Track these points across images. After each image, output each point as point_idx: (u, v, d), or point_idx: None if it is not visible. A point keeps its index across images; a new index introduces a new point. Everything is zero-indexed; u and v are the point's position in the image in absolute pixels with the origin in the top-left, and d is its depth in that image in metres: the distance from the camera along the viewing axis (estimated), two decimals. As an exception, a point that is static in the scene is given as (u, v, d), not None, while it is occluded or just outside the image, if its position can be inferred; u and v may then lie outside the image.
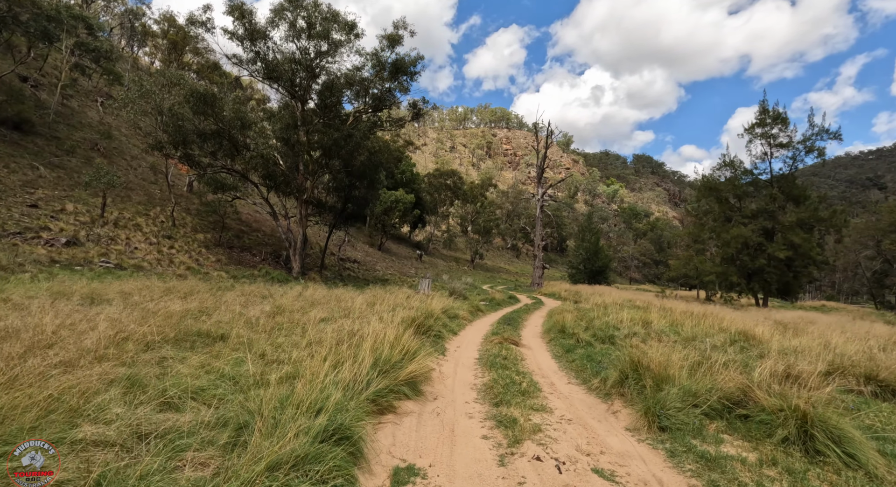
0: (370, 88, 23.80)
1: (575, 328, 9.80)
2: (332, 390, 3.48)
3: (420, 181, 65.78)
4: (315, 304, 10.58)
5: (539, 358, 7.68)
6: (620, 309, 15.16)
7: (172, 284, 11.88)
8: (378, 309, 9.85)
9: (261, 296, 12.05)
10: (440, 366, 6.46)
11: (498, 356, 7.22)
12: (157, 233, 22.83)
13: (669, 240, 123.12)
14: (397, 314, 9.54)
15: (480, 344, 8.83)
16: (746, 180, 32.65)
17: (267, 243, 30.28)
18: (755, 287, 31.59)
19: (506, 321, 12.50)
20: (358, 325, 7.30)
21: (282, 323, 7.20)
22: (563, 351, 8.11)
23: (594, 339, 8.92)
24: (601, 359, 6.96)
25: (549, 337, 9.80)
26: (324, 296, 12.29)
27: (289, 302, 10.55)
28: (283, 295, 12.69)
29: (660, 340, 9.87)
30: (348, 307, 10.20)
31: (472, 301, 16.17)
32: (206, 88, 20.28)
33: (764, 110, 30.36)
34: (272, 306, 9.64)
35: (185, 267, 20.11)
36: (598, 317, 11.74)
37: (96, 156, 30.08)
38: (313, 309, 9.28)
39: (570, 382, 6.08)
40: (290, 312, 9.04)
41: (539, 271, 43.94)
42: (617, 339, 9.04)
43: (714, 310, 16.47)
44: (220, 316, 7.66)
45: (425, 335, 8.20)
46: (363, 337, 5.56)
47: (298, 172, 24.67)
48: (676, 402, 4.17)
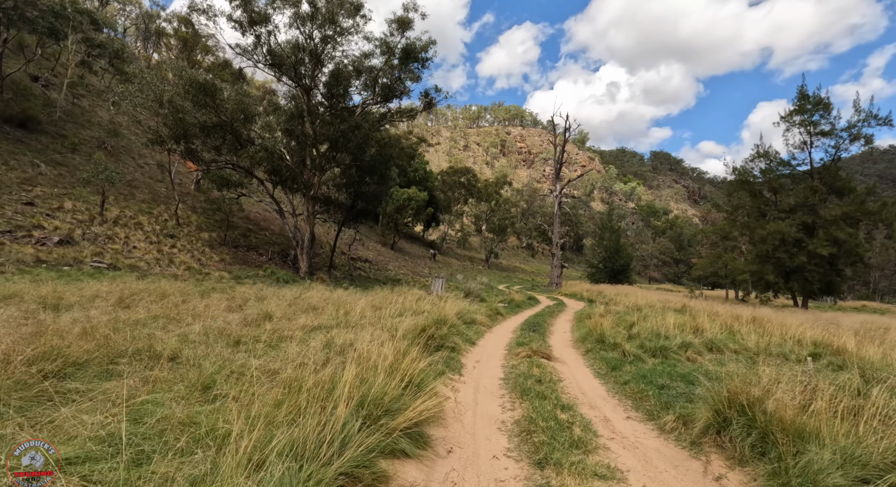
0: (379, 78, 22.47)
1: (615, 336, 8.22)
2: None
3: (433, 179, 64.45)
4: (311, 309, 9.22)
5: (579, 377, 6.14)
6: (659, 313, 13.47)
7: (155, 286, 10.66)
8: (383, 315, 8.43)
9: (255, 299, 10.76)
10: (456, 393, 5.00)
11: (528, 376, 5.71)
12: (158, 232, 21.90)
13: (690, 238, 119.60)
14: (404, 321, 8.10)
15: (504, 356, 7.33)
16: (784, 172, 30.34)
17: (275, 242, 29.25)
18: (794, 286, 29.29)
19: (529, 327, 10.97)
20: (353, 337, 5.88)
21: (259, 335, 5.82)
22: (608, 368, 6.55)
23: (642, 352, 7.34)
24: (663, 383, 5.39)
25: (585, 348, 8.24)
26: (324, 299, 10.93)
27: (281, 307, 9.21)
28: (280, 297, 11.38)
29: (719, 352, 8.24)
30: (349, 312, 8.81)
31: (490, 303, 14.66)
32: (205, 79, 19.20)
33: (803, 95, 28.07)
34: (259, 311, 8.30)
35: (185, 268, 19.06)
36: (637, 323, 10.11)
37: (103, 154, 29.48)
38: (304, 316, 7.91)
39: (630, 417, 4.54)
40: (278, 319, 7.69)
41: (557, 270, 42.12)
42: (670, 352, 7.44)
43: (763, 314, 14.65)
44: (189, 326, 6.33)
45: (437, 348, 6.75)
46: (355, 357, 4.12)
47: (305, 167, 23.50)
48: (837, 478, 2.60)
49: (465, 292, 19.94)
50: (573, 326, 12.14)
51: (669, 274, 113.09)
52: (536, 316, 13.50)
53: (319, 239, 35.85)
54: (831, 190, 28.55)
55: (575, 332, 10.69)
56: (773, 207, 30.88)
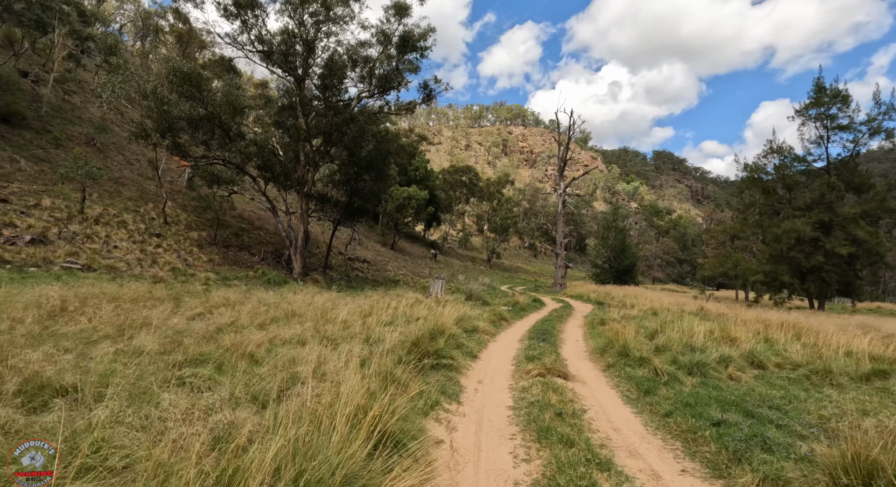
0: (375, 69, 21.36)
1: (640, 349, 7.06)
2: None
3: (434, 178, 63.33)
4: (290, 317, 8.08)
5: (606, 404, 4.98)
6: (679, 318, 12.29)
7: (124, 289, 9.54)
8: (370, 325, 7.29)
9: (231, 303, 9.62)
10: (453, 433, 3.85)
11: (544, 405, 4.56)
12: (143, 231, 20.81)
13: (694, 237, 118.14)
14: (394, 331, 6.96)
15: (511, 374, 6.17)
16: (799, 169, 29.09)
17: (269, 242, 28.15)
18: (810, 287, 28.04)
19: (538, 335, 9.80)
20: (326, 354, 4.74)
21: (208, 354, 4.68)
22: (639, 392, 5.39)
23: (676, 368, 6.17)
24: (717, 417, 4.22)
25: (606, 362, 7.07)
26: (309, 304, 9.80)
27: (258, 313, 8.08)
28: (262, 301, 10.26)
29: (762, 368, 7.06)
30: (331, 321, 7.67)
31: (494, 307, 13.51)
32: (190, 68, 18.10)
33: (820, 88, 26.83)
34: (227, 320, 7.17)
35: (170, 268, 17.97)
36: (661, 331, 8.95)
37: (91, 150, 28.46)
38: (278, 325, 6.78)
39: (686, 470, 3.38)
40: (247, 329, 6.55)
41: (562, 271, 40.95)
42: (708, 369, 6.28)
43: (792, 319, 13.46)
44: (130, 340, 5.22)
45: (432, 367, 5.59)
46: (306, 401, 2.98)
47: (299, 163, 22.39)
48: None
49: (466, 294, 18.80)
50: (585, 333, 10.98)
51: (673, 274, 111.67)
52: (544, 321, 12.34)
53: (315, 238, 34.75)
54: (849, 186, 27.31)
55: (589, 341, 9.53)
56: (788, 205, 29.64)
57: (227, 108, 19.63)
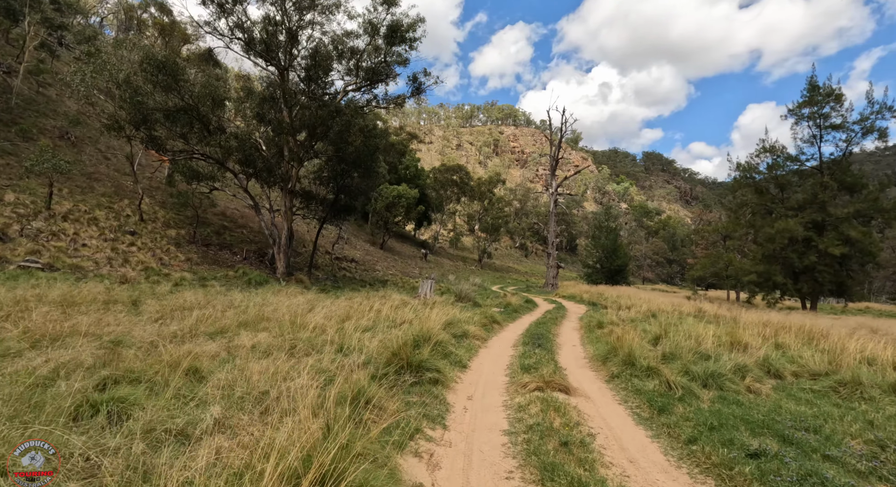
0: (362, 61, 20.54)
1: (646, 356, 6.39)
2: None
3: (425, 177, 62.53)
4: (260, 321, 7.27)
5: (616, 425, 4.28)
6: (678, 320, 11.70)
7: (78, 290, 8.64)
8: (347, 331, 6.51)
9: (199, 306, 8.78)
10: (435, 471, 3.12)
11: (546, 432, 3.84)
12: (116, 228, 19.74)
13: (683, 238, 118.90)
14: (375, 337, 6.20)
15: (506, 388, 5.45)
16: (792, 168, 28.87)
17: (252, 241, 27.15)
18: (803, 287, 27.83)
19: (532, 339, 9.11)
20: (286, 370, 3.97)
21: (141, 370, 3.87)
22: (652, 410, 4.70)
23: (688, 380, 5.50)
24: (751, 445, 3.54)
25: (609, 372, 6.39)
26: (284, 307, 8.98)
27: (225, 318, 7.26)
28: (232, 304, 9.42)
29: (779, 377, 6.43)
30: (304, 326, 6.88)
31: (485, 309, 12.80)
32: (165, 56, 17.12)
33: (813, 87, 26.61)
34: (189, 324, 6.34)
35: (143, 268, 16.96)
36: (665, 335, 8.31)
37: (64, 144, 27.18)
38: (243, 331, 5.98)
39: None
40: (204, 336, 5.74)
41: (553, 271, 40.44)
42: (724, 380, 5.63)
43: (794, 321, 12.96)
44: (56, 352, 4.40)
45: (414, 383, 4.84)
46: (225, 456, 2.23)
47: (283, 158, 21.48)
48: None
49: (456, 295, 18.08)
50: (582, 337, 10.32)
51: (663, 274, 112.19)
52: (538, 324, 11.66)
53: (302, 237, 33.77)
54: (842, 186, 27.12)
55: (588, 347, 8.86)
56: (780, 204, 29.41)
57: (206, 100, 18.66)
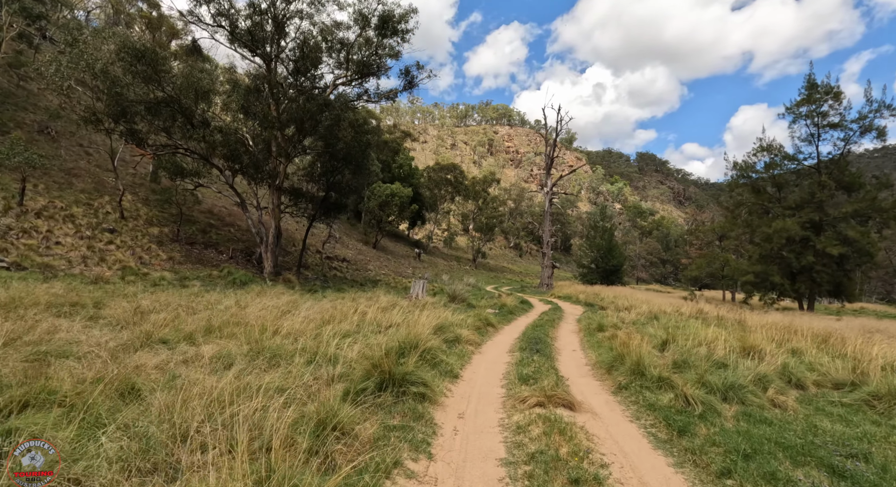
0: (353, 54, 19.84)
1: (656, 365, 5.80)
2: None
3: (419, 176, 61.86)
4: (229, 327, 6.59)
5: (632, 452, 3.66)
6: (681, 322, 11.15)
7: (23, 292, 7.90)
8: (324, 337, 5.84)
9: (169, 309, 8.07)
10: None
11: (550, 459, 3.22)
12: (94, 226, 18.89)
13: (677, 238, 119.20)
14: (356, 344, 5.55)
15: (502, 403, 4.82)
16: (790, 167, 28.58)
17: (240, 239, 26.32)
18: (801, 288, 27.53)
19: (530, 344, 8.49)
20: (238, 391, 3.32)
21: (56, 389, 3.19)
22: (670, 430, 4.09)
23: (706, 392, 4.90)
24: (801, 481, 2.94)
25: (616, 382, 5.77)
26: (261, 309, 8.30)
27: (196, 320, 6.57)
28: (209, 305, 8.72)
29: (801, 388, 5.86)
30: (280, 330, 6.21)
31: (479, 310, 12.17)
32: (143, 44, 16.32)
33: (812, 85, 26.30)
34: (138, 334, 5.65)
35: (120, 267, 16.15)
36: (671, 340, 7.73)
37: (44, 139, 26.22)
38: (209, 337, 5.31)
39: None
40: (160, 344, 5.06)
41: (548, 271, 39.93)
42: (745, 392, 5.03)
43: (801, 323, 12.48)
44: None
45: (395, 399, 4.19)
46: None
47: (271, 154, 20.72)
48: None
49: (449, 295, 17.45)
50: (582, 341, 9.72)
51: (656, 274, 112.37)
52: (535, 327, 11.05)
53: (292, 236, 32.96)
54: (840, 185, 26.85)
55: (589, 352, 8.26)
56: (777, 204, 29.12)
57: (189, 92, 17.87)
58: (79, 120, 17.74)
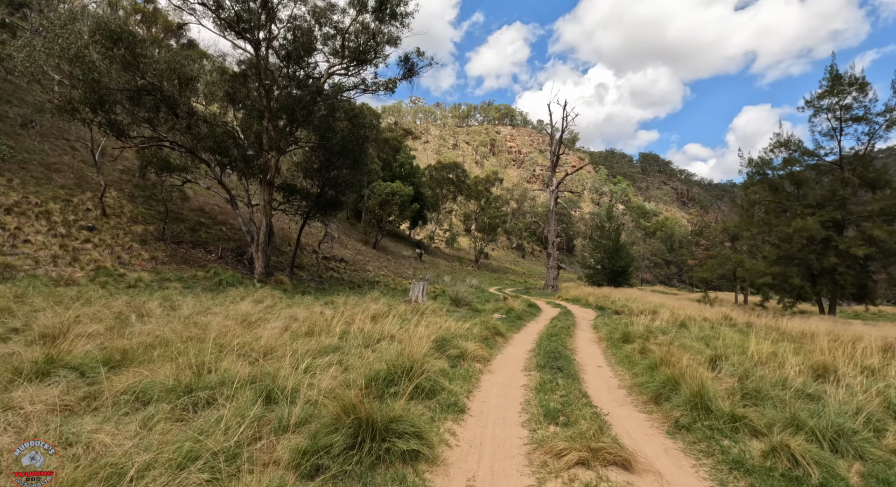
0: (348, 40, 18.57)
1: (720, 393, 4.46)
2: None
3: (420, 175, 60.60)
4: (177, 343, 5.27)
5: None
6: (712, 330, 9.80)
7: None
8: (298, 353, 4.51)
9: (109, 317, 6.77)
10: None
11: None
12: (72, 223, 17.64)
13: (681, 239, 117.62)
14: (329, 369, 4.22)
15: (527, 458, 3.48)
16: (810, 162, 27.15)
17: (231, 238, 25.06)
18: (822, 290, 26.11)
19: (548, 358, 7.15)
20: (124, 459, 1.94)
21: None
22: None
23: (813, 443, 3.57)
24: None
25: (671, 418, 4.43)
26: (230, 317, 6.98)
27: (143, 331, 5.27)
28: (170, 313, 7.42)
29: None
30: (236, 346, 4.88)
31: (486, 317, 10.83)
32: (119, 26, 15.06)
33: (836, 76, 24.87)
34: (32, 356, 4.34)
35: (94, 267, 14.88)
36: (722, 357, 6.40)
37: (27, 133, 25.04)
38: (145, 357, 4.00)
39: None
40: (43, 376, 3.74)
41: (554, 272, 38.57)
42: (862, 442, 3.69)
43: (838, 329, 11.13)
44: None
45: (376, 461, 2.87)
46: None
47: (262, 147, 19.45)
48: None
49: (452, 298, 16.13)
50: (606, 353, 8.39)
51: (660, 275, 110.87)
52: (550, 336, 9.71)
53: (288, 235, 31.69)
54: (863, 182, 25.40)
55: (619, 368, 6.92)
56: (797, 202, 27.67)
57: (172, 78, 16.61)
58: (53, 109, 16.45)
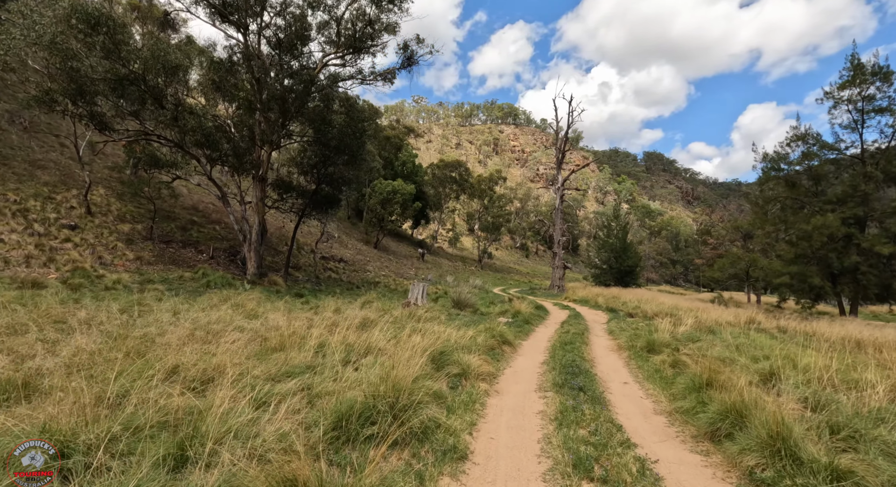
0: (342, 27, 17.55)
1: (806, 433, 3.35)
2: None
3: (423, 173, 59.55)
4: (98, 366, 4.20)
5: None
6: (745, 337, 8.67)
7: None
8: (256, 378, 3.45)
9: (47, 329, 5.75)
10: None
11: None
12: (52, 222, 16.70)
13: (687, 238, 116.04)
14: (290, 400, 3.12)
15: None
16: (829, 156, 25.89)
17: (225, 237, 24.08)
18: (843, 291, 24.87)
19: (566, 374, 6.06)
20: None
21: None
22: None
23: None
24: None
25: (745, 468, 3.34)
26: (185, 331, 5.91)
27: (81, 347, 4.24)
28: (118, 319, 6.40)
29: None
30: (176, 369, 3.80)
31: (491, 322, 9.74)
32: (96, 8, 14.08)
33: (858, 65, 23.62)
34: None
35: (72, 268, 13.92)
36: (777, 375, 5.29)
37: (14, 129, 24.17)
38: (44, 387, 2.92)
39: None
40: None
41: (559, 272, 37.42)
42: None
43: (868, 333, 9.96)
44: None
45: None
46: None
47: (255, 141, 18.45)
48: None
49: (454, 301, 15.06)
50: (629, 364, 7.29)
51: (666, 275, 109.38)
52: (563, 345, 8.61)
53: (287, 234, 30.71)
54: (888, 177, 24.12)
55: (649, 386, 5.84)
56: (815, 198, 26.42)
57: (156, 67, 15.62)
58: (30, 100, 15.50)
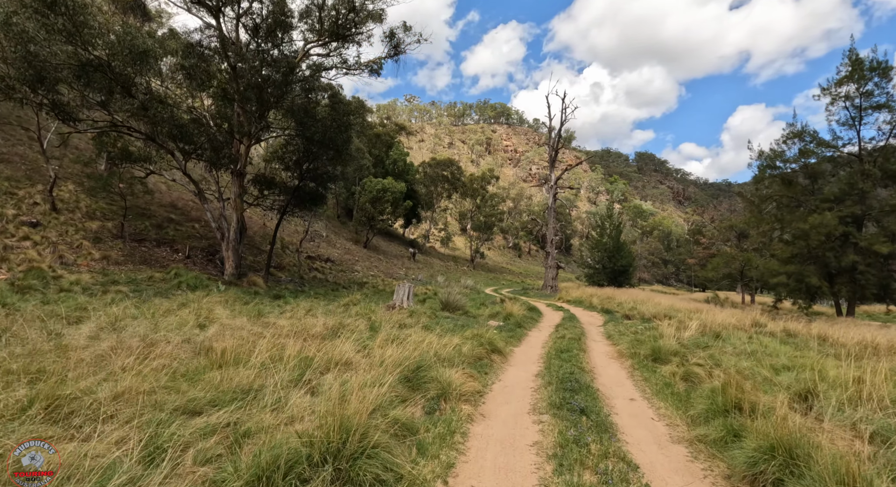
0: (324, 13, 16.59)
1: (869, 478, 2.51)
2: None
3: (414, 172, 58.57)
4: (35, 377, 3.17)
5: None
6: (755, 342, 7.91)
7: None
8: (168, 409, 2.53)
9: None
10: None
11: None
12: (10, 218, 15.54)
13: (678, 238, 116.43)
14: (204, 443, 2.15)
15: None
16: (826, 154, 25.43)
17: (204, 236, 22.97)
18: (841, 291, 24.42)
19: (564, 391, 5.22)
20: None
21: None
22: None
23: None
24: None
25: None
26: (107, 345, 4.96)
27: None
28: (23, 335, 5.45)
29: None
30: (82, 394, 2.83)
31: (480, 328, 8.87)
32: (56, -15, 12.99)
33: (856, 60, 23.13)
34: None
35: (28, 267, 12.83)
36: (813, 393, 4.47)
37: (-21, 122, 22.84)
38: None
39: None
40: None
41: (552, 272, 36.71)
42: None
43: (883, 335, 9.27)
44: None
45: None
46: None
47: (233, 134, 17.42)
48: None
49: (443, 303, 14.20)
50: (634, 376, 6.47)
51: (658, 274, 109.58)
52: (558, 352, 7.77)
53: (270, 233, 29.63)
54: (885, 174, 23.69)
55: (660, 404, 5.01)
56: (812, 196, 25.96)
57: (123, 52, 14.54)
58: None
